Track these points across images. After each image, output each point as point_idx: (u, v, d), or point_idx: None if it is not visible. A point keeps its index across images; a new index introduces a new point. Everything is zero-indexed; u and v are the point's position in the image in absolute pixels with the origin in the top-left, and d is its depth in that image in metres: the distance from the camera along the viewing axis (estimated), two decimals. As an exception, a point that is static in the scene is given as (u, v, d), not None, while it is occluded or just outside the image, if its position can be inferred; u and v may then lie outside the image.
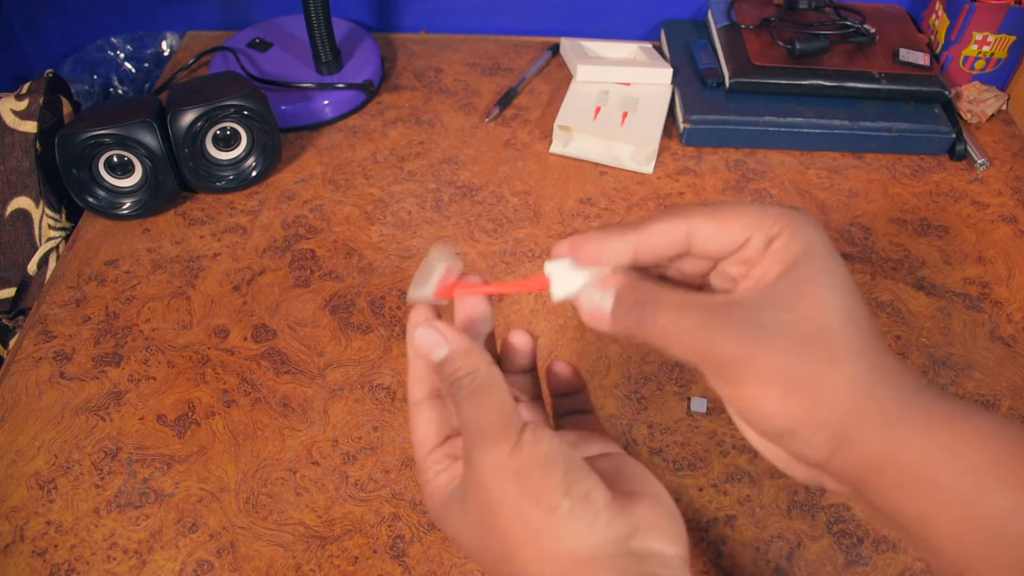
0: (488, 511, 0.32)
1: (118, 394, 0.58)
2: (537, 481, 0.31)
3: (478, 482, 0.33)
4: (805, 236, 0.31)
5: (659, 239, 0.33)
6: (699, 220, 0.33)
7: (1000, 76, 0.84)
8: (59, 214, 0.71)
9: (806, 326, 0.30)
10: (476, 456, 0.33)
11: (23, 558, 0.50)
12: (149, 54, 0.93)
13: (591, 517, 0.31)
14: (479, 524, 0.33)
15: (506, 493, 0.32)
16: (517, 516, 0.31)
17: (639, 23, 0.93)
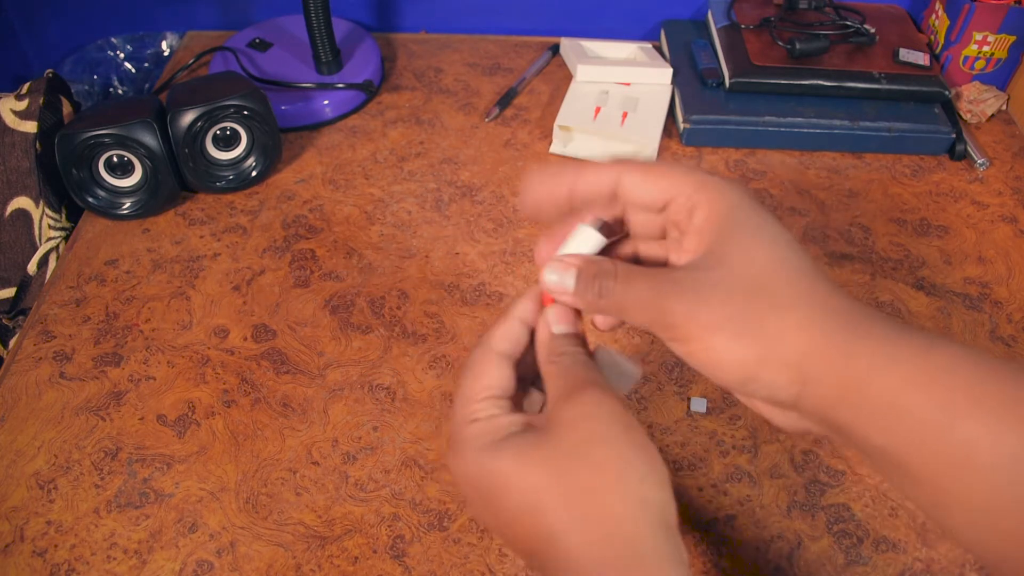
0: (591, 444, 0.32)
1: (118, 394, 0.58)
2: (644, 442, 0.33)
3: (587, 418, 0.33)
4: (726, 201, 0.34)
5: (591, 182, 0.36)
6: (628, 170, 0.36)
7: (1000, 76, 0.84)
8: (59, 214, 0.71)
9: (743, 279, 0.32)
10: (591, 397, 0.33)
11: (23, 558, 0.50)
12: (149, 54, 0.93)
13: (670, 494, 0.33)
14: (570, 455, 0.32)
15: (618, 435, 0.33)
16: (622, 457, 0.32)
17: (639, 23, 0.93)
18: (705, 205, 0.34)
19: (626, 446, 0.32)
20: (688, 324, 0.32)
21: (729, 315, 0.32)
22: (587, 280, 0.35)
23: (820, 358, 0.31)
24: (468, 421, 0.35)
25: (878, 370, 0.31)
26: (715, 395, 0.58)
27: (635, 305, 0.34)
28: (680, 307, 0.33)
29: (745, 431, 0.56)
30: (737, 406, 0.58)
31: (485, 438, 0.34)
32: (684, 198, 0.35)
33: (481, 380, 0.36)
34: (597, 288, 0.35)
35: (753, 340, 0.32)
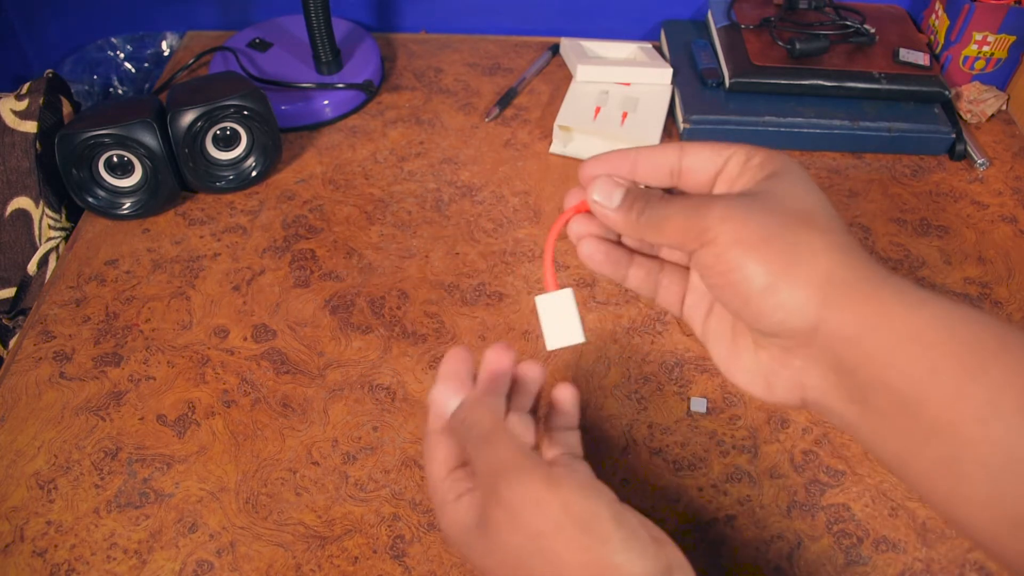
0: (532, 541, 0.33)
1: (118, 394, 0.58)
2: (585, 511, 0.32)
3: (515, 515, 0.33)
4: (782, 158, 0.35)
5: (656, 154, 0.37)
6: (691, 145, 0.36)
7: (1000, 76, 0.84)
8: (59, 214, 0.71)
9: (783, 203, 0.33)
10: (506, 491, 0.34)
11: (23, 558, 0.50)
12: (149, 54, 0.93)
13: (640, 549, 0.32)
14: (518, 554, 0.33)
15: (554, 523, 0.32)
16: (568, 544, 0.32)
17: (639, 23, 0.93)
18: (761, 155, 0.35)
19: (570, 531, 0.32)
20: (721, 225, 0.32)
21: (762, 223, 0.32)
22: (632, 198, 0.36)
23: (845, 281, 0.31)
24: (443, 503, 0.38)
25: (904, 304, 0.30)
26: (715, 395, 0.58)
27: (672, 217, 0.34)
28: (717, 209, 0.33)
29: (745, 431, 0.56)
30: (737, 406, 0.58)
31: (456, 528, 0.37)
32: (743, 154, 0.35)
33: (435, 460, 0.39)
34: (642, 205, 0.35)
35: (781, 247, 0.31)
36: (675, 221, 0.34)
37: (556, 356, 0.61)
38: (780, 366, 0.34)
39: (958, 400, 0.28)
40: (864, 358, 0.30)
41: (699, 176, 0.36)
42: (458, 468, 0.38)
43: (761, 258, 0.31)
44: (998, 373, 0.28)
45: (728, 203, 0.33)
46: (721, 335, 0.37)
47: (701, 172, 0.36)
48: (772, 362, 0.34)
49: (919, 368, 0.29)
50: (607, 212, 0.36)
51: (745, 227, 0.32)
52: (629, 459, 0.55)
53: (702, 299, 0.39)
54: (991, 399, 0.27)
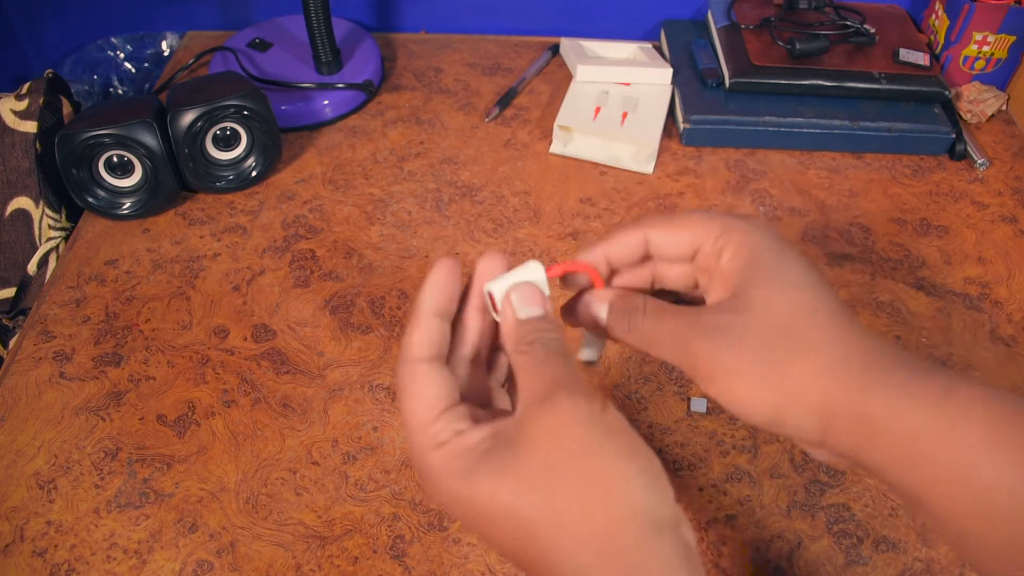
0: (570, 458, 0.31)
1: (118, 394, 0.58)
2: (627, 443, 0.32)
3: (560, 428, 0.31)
4: (751, 243, 0.35)
5: (622, 246, 0.38)
6: (652, 229, 0.37)
7: (1000, 76, 0.84)
8: (59, 214, 0.71)
9: (766, 323, 0.33)
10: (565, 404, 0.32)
11: (23, 558, 0.50)
12: (149, 54, 0.93)
13: (664, 493, 0.32)
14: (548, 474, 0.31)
15: (597, 444, 0.31)
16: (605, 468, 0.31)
17: (639, 23, 0.93)
18: (731, 247, 0.35)
19: (608, 454, 0.31)
20: (712, 366, 0.33)
21: (752, 360, 0.33)
22: (618, 313, 0.37)
23: (840, 404, 0.32)
24: (432, 447, 0.33)
25: (896, 417, 0.31)
26: (715, 395, 0.58)
27: (662, 342, 0.35)
28: (704, 349, 0.33)
29: (745, 431, 0.56)
30: (737, 406, 0.58)
31: (456, 464, 0.32)
32: (711, 243, 0.36)
33: (422, 398, 0.33)
34: (627, 323, 0.36)
35: (776, 385, 0.33)
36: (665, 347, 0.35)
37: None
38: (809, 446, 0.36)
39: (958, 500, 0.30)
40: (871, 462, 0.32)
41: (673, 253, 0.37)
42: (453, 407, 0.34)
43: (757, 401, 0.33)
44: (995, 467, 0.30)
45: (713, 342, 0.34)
46: None
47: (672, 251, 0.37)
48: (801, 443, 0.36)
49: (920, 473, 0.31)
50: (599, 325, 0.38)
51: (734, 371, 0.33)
52: (629, 459, 0.55)
53: None
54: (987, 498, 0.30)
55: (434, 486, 0.33)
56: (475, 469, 0.31)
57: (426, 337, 0.35)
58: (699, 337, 0.34)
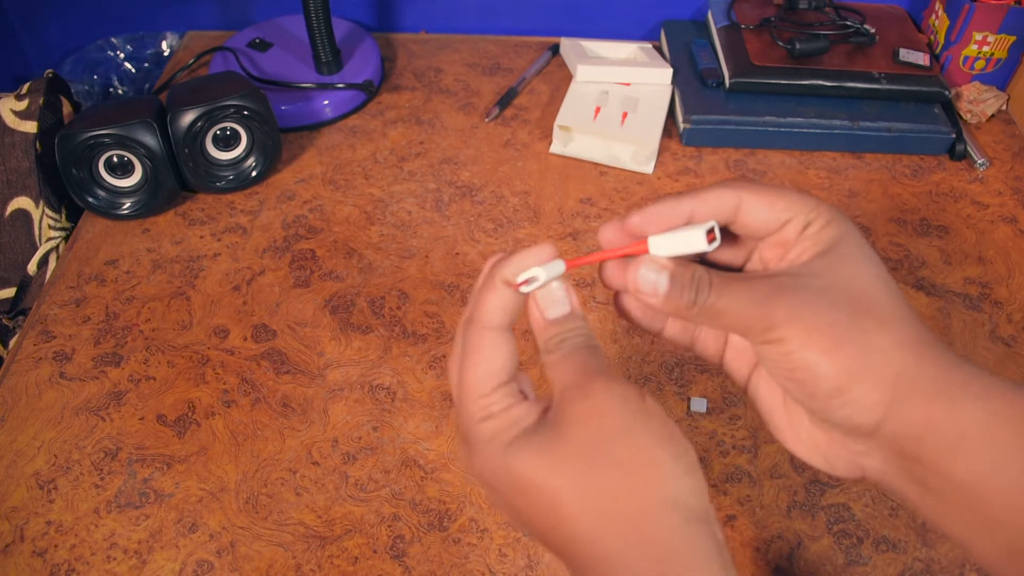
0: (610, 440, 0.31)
1: (118, 394, 0.58)
2: (665, 430, 0.31)
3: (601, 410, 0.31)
4: (840, 224, 0.33)
5: (712, 204, 0.35)
6: (748, 193, 0.34)
7: (1000, 76, 0.84)
8: (59, 214, 0.71)
9: (848, 292, 0.32)
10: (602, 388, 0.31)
11: (23, 558, 0.50)
12: (149, 54, 0.93)
13: (699, 483, 0.31)
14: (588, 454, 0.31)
15: (636, 428, 0.31)
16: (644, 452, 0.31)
17: (639, 23, 0.93)
18: (820, 221, 0.34)
19: (646, 440, 0.31)
20: (789, 325, 0.31)
21: (832, 321, 0.31)
22: (681, 285, 0.34)
23: (913, 380, 0.31)
24: (480, 418, 0.33)
25: (968, 399, 0.30)
26: (715, 395, 0.58)
27: (732, 309, 0.33)
28: (782, 307, 0.31)
29: (745, 431, 0.56)
30: (737, 406, 0.58)
31: (502, 436, 0.32)
32: (801, 219, 0.34)
33: (486, 367, 0.33)
34: (692, 294, 0.33)
35: (854, 350, 0.31)
36: (735, 316, 0.33)
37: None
38: (840, 447, 0.34)
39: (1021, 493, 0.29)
40: (928, 452, 0.30)
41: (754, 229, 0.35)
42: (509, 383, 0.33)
43: (832, 361, 0.31)
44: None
45: (793, 299, 0.32)
46: (773, 405, 0.36)
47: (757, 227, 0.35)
48: (831, 443, 0.34)
49: (983, 463, 0.29)
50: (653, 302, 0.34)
51: (815, 328, 0.31)
52: (629, 459, 0.55)
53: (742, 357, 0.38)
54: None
55: (477, 455, 0.33)
56: (519, 443, 0.31)
57: (500, 303, 0.34)
58: (777, 295, 0.32)
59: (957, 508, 0.30)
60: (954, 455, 0.30)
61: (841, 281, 0.32)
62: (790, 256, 0.34)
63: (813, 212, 0.34)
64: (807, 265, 0.33)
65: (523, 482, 0.31)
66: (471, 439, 0.33)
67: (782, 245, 0.34)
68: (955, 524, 0.31)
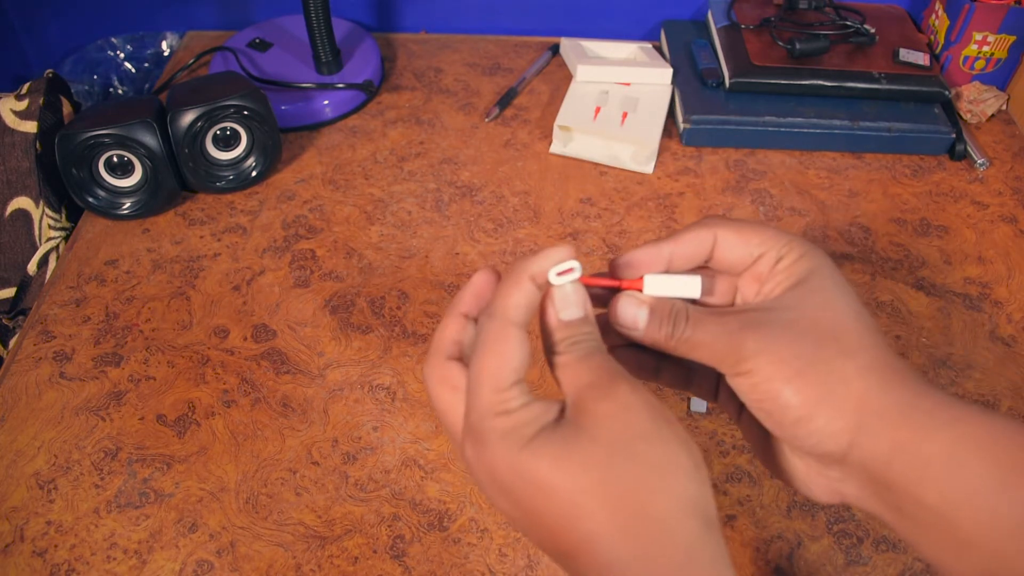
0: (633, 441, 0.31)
1: (118, 394, 0.58)
2: (684, 434, 0.32)
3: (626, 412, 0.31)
4: (812, 258, 0.35)
5: (689, 245, 0.37)
6: (723, 230, 0.37)
7: (1000, 76, 0.84)
8: (59, 214, 0.71)
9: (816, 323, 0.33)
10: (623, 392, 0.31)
11: (23, 558, 0.50)
12: (149, 54, 0.93)
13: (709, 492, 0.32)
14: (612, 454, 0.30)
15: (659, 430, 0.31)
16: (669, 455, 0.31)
17: (639, 23, 0.93)
18: (792, 255, 0.35)
19: (670, 441, 0.31)
20: (757, 357, 0.33)
21: (797, 353, 0.32)
22: (659, 319, 0.36)
23: (877, 407, 0.32)
24: (497, 412, 0.31)
25: (935, 426, 0.31)
26: (715, 395, 0.58)
27: (706, 343, 0.34)
28: (751, 340, 0.33)
29: (745, 431, 0.56)
30: (737, 406, 0.58)
31: (519, 433, 0.31)
32: (775, 251, 0.36)
33: (507, 361, 0.32)
34: (669, 328, 0.35)
35: (816, 379, 0.32)
36: (708, 348, 0.34)
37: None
38: (817, 475, 0.35)
39: (993, 517, 0.29)
40: (897, 478, 0.31)
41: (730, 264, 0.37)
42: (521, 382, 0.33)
43: (794, 390, 0.32)
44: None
45: (762, 332, 0.33)
46: (757, 435, 0.38)
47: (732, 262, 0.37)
48: (809, 471, 0.35)
49: (952, 488, 0.30)
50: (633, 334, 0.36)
51: (781, 359, 0.33)
52: (629, 459, 0.55)
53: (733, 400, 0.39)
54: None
55: (487, 450, 0.31)
56: (539, 440, 0.31)
57: (524, 300, 0.34)
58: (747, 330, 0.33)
59: (930, 532, 0.31)
60: (923, 480, 0.31)
61: (810, 312, 0.33)
62: (764, 290, 0.36)
63: (786, 247, 0.35)
64: (779, 299, 0.34)
65: (542, 480, 0.30)
66: (482, 433, 0.32)
67: (757, 280, 0.36)
68: (930, 547, 0.32)
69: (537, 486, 0.30)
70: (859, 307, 0.34)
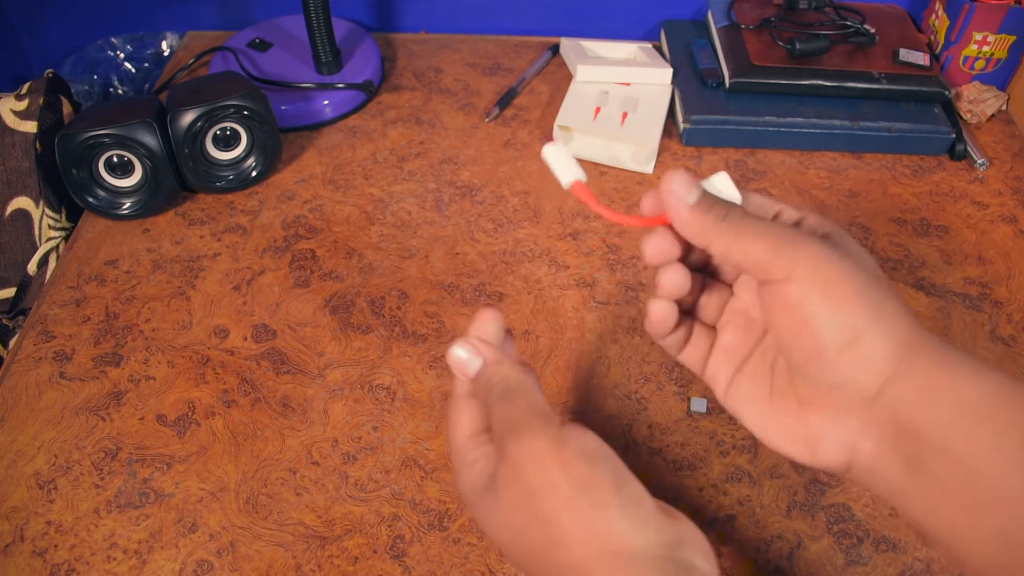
0: (530, 499, 0.32)
1: (118, 394, 0.58)
2: (585, 475, 0.31)
3: (517, 471, 0.32)
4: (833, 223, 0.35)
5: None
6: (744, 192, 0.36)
7: (1000, 76, 0.84)
8: (59, 214, 0.71)
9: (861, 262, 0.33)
10: (512, 447, 0.33)
11: (23, 558, 0.50)
12: (149, 54, 0.93)
13: (643, 519, 0.31)
14: (517, 513, 0.32)
15: (551, 482, 0.31)
16: (565, 505, 0.31)
17: (639, 23, 0.93)
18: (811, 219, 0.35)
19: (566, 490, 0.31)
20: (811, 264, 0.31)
21: (851, 275, 0.32)
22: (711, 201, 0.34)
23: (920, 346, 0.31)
24: (461, 466, 0.37)
25: (968, 375, 0.30)
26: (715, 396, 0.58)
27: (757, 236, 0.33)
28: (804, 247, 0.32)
29: (745, 431, 0.56)
30: (737, 406, 0.58)
31: (471, 486, 0.35)
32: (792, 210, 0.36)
33: (457, 425, 0.38)
34: (723, 209, 0.34)
35: (869, 304, 0.31)
36: (759, 242, 0.33)
37: (556, 356, 0.61)
38: (832, 425, 0.33)
39: (1019, 471, 0.28)
40: (929, 422, 0.30)
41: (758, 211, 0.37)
42: (480, 432, 0.37)
43: (848, 311, 0.31)
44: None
45: (814, 245, 0.32)
46: (755, 397, 0.37)
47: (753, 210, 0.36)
48: (823, 421, 0.33)
49: (982, 436, 0.29)
50: (682, 209, 0.34)
51: (836, 274, 0.31)
52: (629, 459, 0.55)
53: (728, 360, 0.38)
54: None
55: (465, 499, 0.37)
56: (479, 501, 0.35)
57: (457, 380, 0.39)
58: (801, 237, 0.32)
59: (950, 488, 0.30)
60: (954, 425, 0.30)
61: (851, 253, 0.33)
62: None
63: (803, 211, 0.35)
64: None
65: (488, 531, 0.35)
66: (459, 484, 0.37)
67: None
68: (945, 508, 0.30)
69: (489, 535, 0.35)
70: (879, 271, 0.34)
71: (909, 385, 0.31)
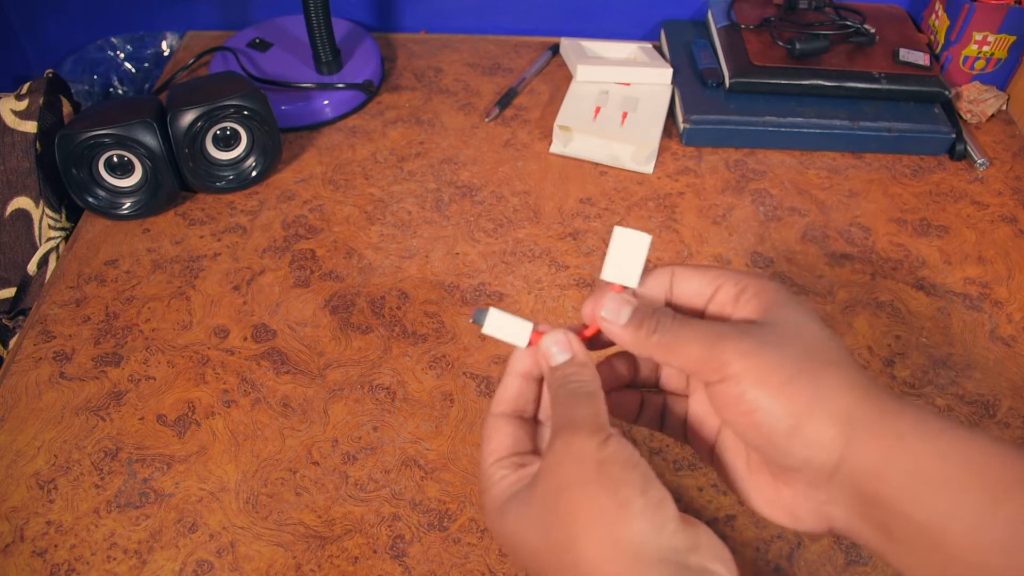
0: (560, 492, 0.32)
1: (118, 394, 0.58)
2: (617, 475, 0.32)
3: (556, 465, 0.33)
4: (775, 289, 0.36)
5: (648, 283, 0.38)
6: (680, 268, 0.38)
7: (1000, 76, 0.84)
8: (59, 214, 0.71)
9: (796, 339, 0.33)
10: (560, 443, 0.34)
11: (23, 558, 0.50)
12: (149, 54, 0.93)
13: (661, 522, 0.32)
14: (545, 508, 0.33)
15: (584, 477, 0.32)
16: (589, 501, 0.32)
17: (639, 23, 0.93)
18: (753, 287, 0.36)
19: (594, 487, 0.32)
20: (745, 361, 0.32)
21: (782, 361, 0.32)
22: (643, 316, 0.36)
23: (866, 419, 0.31)
24: (485, 488, 0.37)
25: (920, 439, 0.31)
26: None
27: (689, 343, 0.34)
28: (734, 346, 0.33)
29: (745, 431, 0.56)
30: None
31: (496, 503, 0.36)
32: (731, 284, 0.36)
33: (489, 445, 0.38)
34: (653, 324, 0.35)
35: (806, 387, 0.32)
36: (691, 349, 0.34)
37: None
38: (804, 500, 0.34)
39: (979, 532, 0.29)
40: (887, 491, 0.31)
41: (688, 296, 0.37)
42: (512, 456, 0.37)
43: (785, 399, 0.32)
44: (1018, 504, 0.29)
45: (745, 337, 0.33)
46: (737, 468, 0.38)
47: (690, 295, 0.37)
48: (796, 496, 0.35)
49: (940, 501, 0.30)
50: (615, 329, 0.36)
51: (767, 365, 0.32)
52: (629, 459, 0.55)
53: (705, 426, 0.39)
54: (1013, 531, 0.28)
55: (487, 520, 0.37)
56: (505, 508, 0.35)
57: (506, 393, 0.39)
58: (731, 337, 0.33)
59: (917, 550, 0.31)
60: (911, 492, 0.30)
61: (790, 330, 0.34)
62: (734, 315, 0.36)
63: (744, 280, 0.36)
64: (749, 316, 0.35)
65: (511, 542, 0.35)
66: (483, 507, 0.37)
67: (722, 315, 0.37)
68: (917, 568, 0.31)
69: (512, 545, 0.35)
70: (829, 329, 0.35)
71: (864, 458, 0.31)
